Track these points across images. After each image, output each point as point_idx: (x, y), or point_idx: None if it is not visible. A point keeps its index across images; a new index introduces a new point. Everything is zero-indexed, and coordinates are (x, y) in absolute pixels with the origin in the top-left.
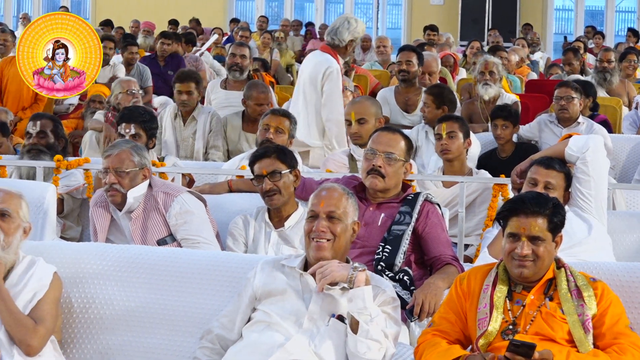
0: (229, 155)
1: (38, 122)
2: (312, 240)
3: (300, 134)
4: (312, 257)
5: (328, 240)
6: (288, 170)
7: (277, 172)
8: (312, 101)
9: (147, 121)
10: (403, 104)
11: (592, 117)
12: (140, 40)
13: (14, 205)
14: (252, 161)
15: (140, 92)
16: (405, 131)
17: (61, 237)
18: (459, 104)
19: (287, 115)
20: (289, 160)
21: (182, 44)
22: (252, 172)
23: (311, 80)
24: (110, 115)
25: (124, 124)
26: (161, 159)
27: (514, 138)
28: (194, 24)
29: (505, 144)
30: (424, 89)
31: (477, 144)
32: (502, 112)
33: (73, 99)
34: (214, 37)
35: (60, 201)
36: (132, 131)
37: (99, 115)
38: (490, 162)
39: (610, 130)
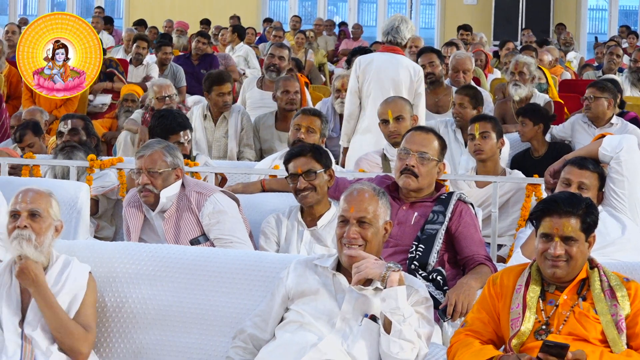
0: (261, 155)
1: (69, 121)
2: (344, 245)
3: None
4: (345, 263)
5: (360, 245)
6: (323, 170)
7: (312, 171)
8: None
9: (190, 126)
10: (433, 106)
11: (621, 114)
12: (173, 40)
13: (44, 204)
14: (288, 159)
15: (175, 92)
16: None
17: (95, 237)
18: (491, 104)
19: (318, 114)
20: (324, 159)
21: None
22: (287, 170)
23: (401, 84)
24: (147, 116)
25: (181, 132)
26: (193, 159)
27: (547, 138)
28: (235, 21)
29: (536, 143)
30: (454, 88)
31: (507, 144)
32: (522, 109)
33: (105, 99)
34: None
35: (95, 202)
36: (190, 137)
37: (137, 114)
38: (523, 162)
39: None
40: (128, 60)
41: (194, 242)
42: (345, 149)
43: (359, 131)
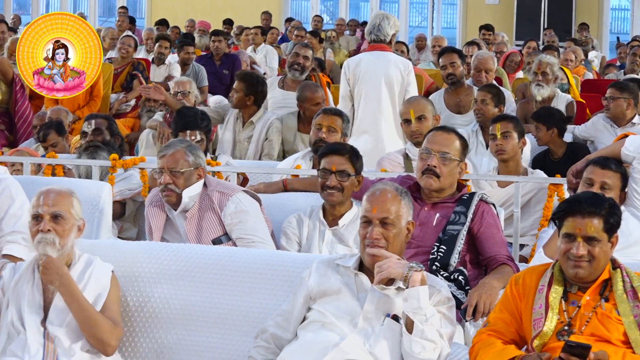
0: (284, 156)
1: (93, 121)
2: (367, 246)
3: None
4: (367, 263)
5: (382, 246)
6: (354, 175)
7: (346, 173)
8: (395, 101)
9: (207, 125)
10: (454, 106)
11: None
12: (195, 40)
13: (66, 205)
14: (325, 153)
15: (195, 91)
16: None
17: (118, 238)
18: (513, 104)
19: (339, 113)
20: (359, 165)
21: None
22: (319, 162)
23: (393, 80)
24: (168, 116)
25: (188, 131)
26: (214, 158)
27: (569, 138)
28: (266, 16)
29: (553, 146)
30: (476, 88)
31: (529, 143)
32: (535, 114)
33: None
34: None
35: (122, 205)
36: (198, 137)
37: (158, 115)
38: (543, 163)
39: None
40: (150, 60)
41: (216, 241)
42: None
43: (354, 133)
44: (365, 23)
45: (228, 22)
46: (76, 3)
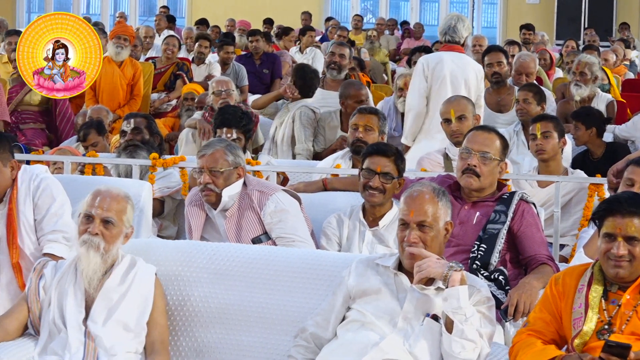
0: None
1: (132, 120)
2: (405, 249)
3: None
4: (406, 265)
5: None
6: (397, 178)
7: (390, 176)
8: None
9: (246, 124)
10: (495, 105)
11: None
12: (236, 39)
13: (119, 211)
14: (370, 153)
15: (235, 91)
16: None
17: (158, 236)
18: (554, 104)
19: (374, 112)
20: (402, 169)
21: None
22: (362, 161)
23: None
24: (207, 115)
25: (225, 129)
26: (255, 158)
27: (610, 138)
28: (305, 16)
29: (592, 146)
30: (516, 87)
31: (569, 143)
32: (575, 113)
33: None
34: None
35: (161, 203)
36: (234, 136)
37: (197, 115)
38: (583, 163)
39: None
40: (190, 59)
41: (255, 240)
42: (407, 148)
43: (424, 133)
44: (405, 22)
45: (268, 22)
46: (117, 3)
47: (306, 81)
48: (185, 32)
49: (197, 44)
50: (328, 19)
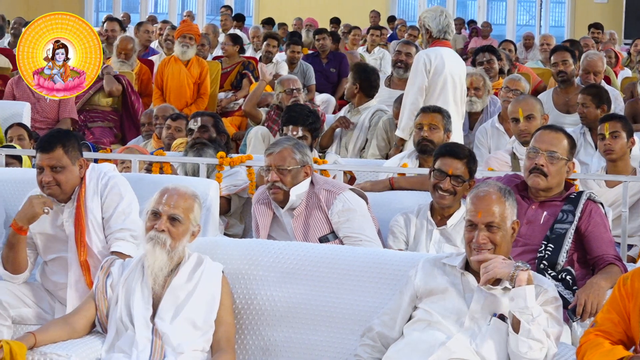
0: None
1: (199, 119)
2: (473, 250)
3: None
4: (474, 267)
5: (489, 249)
6: (468, 180)
7: (462, 179)
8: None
9: (312, 123)
10: (563, 105)
11: None
12: (303, 35)
13: (186, 209)
14: (442, 154)
15: (303, 90)
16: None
17: (224, 235)
18: (622, 103)
19: (438, 110)
20: (474, 171)
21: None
22: (434, 161)
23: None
24: (272, 113)
25: (291, 126)
26: (322, 157)
27: None
28: (374, 14)
29: None
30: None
31: (637, 143)
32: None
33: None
34: None
35: (227, 201)
36: (300, 133)
37: (262, 111)
38: None
39: None
40: (257, 58)
41: (322, 239)
42: (402, 140)
43: None
44: (472, 22)
45: (335, 21)
46: (184, 2)
47: (369, 81)
48: (252, 31)
49: (264, 43)
50: (391, 19)
